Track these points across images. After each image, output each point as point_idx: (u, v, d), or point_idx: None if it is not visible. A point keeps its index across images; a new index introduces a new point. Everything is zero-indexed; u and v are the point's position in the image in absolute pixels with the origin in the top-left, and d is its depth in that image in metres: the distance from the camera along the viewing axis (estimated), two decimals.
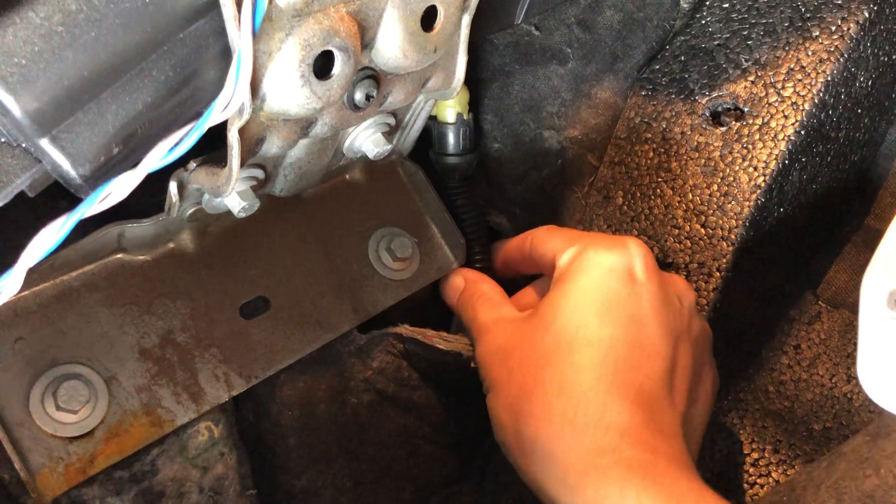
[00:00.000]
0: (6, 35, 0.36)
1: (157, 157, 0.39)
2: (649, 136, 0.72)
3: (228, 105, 0.39)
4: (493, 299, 0.62)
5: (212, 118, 0.39)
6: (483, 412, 0.70)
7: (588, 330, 0.53)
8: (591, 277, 0.55)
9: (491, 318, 0.60)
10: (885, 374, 0.41)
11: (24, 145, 0.40)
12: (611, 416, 0.50)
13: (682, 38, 0.74)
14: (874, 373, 0.42)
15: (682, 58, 0.73)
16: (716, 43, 0.72)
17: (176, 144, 0.39)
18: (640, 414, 0.50)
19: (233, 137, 0.45)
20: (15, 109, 0.36)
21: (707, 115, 0.71)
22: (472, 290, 0.64)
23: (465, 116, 0.69)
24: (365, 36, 0.48)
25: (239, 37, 0.38)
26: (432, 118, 0.70)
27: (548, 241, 0.61)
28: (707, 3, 0.73)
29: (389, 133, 0.62)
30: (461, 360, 0.63)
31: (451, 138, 0.70)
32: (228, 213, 0.55)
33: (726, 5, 0.72)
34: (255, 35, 0.39)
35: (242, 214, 0.53)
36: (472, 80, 0.74)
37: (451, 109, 0.69)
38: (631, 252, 0.56)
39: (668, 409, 0.52)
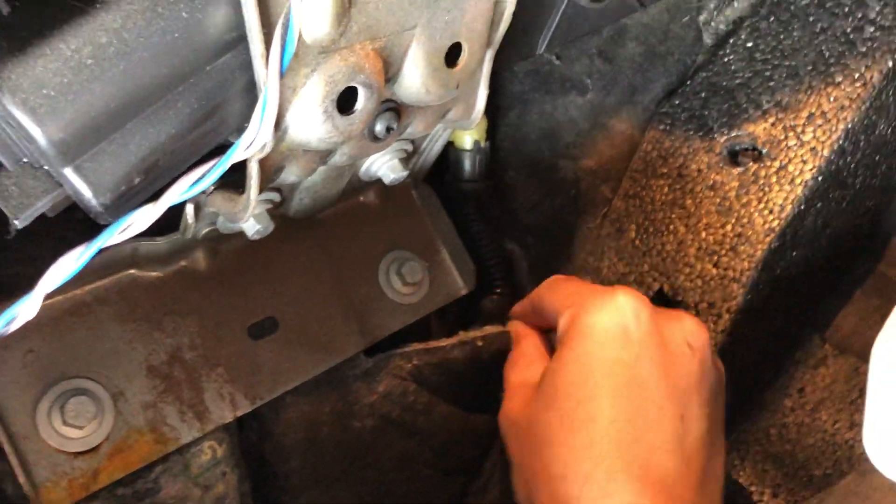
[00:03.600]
0: (36, 66, 0.36)
1: (179, 191, 0.39)
2: (665, 171, 0.72)
3: (252, 143, 0.39)
4: (528, 358, 0.59)
5: (235, 155, 0.39)
6: (485, 435, 0.70)
7: (587, 405, 0.50)
8: (585, 345, 0.52)
9: (517, 381, 0.57)
10: (893, 444, 0.41)
11: (45, 168, 0.40)
12: (612, 501, 0.48)
13: (704, 74, 0.74)
14: (881, 441, 0.42)
15: (703, 94, 0.73)
16: (737, 82, 0.72)
17: (198, 179, 0.39)
18: (648, 490, 0.48)
19: (252, 168, 0.45)
20: (41, 139, 0.37)
21: (725, 154, 0.71)
22: (516, 348, 0.61)
23: (483, 144, 0.69)
24: (388, 71, 0.48)
25: (266, 76, 0.38)
26: (449, 143, 0.70)
27: (548, 299, 0.58)
28: (731, 40, 0.73)
29: (406, 159, 0.62)
30: (467, 349, 0.63)
31: (467, 164, 0.70)
32: (241, 232, 0.55)
33: (750, 44, 0.72)
34: (283, 74, 0.39)
35: (256, 237, 0.53)
36: (490, 107, 0.74)
37: (469, 136, 0.69)
38: (623, 308, 0.53)
39: (681, 476, 0.50)
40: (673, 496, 0.49)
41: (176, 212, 0.55)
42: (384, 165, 0.60)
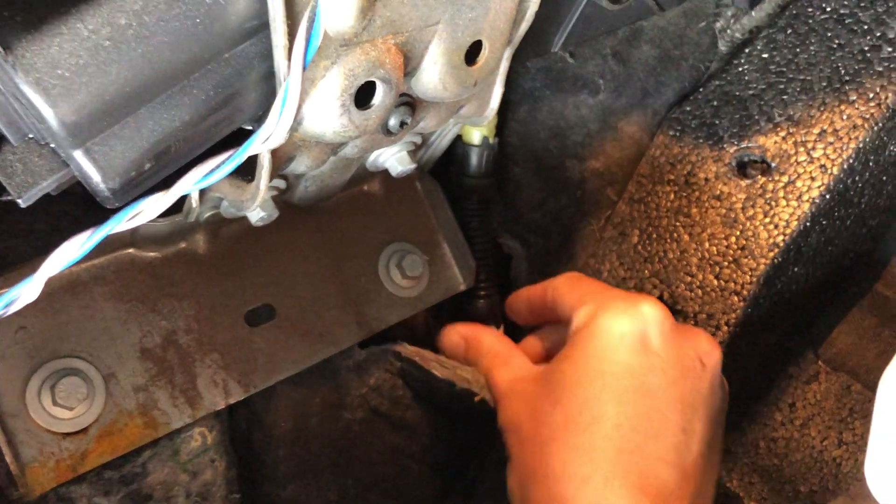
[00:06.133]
0: (52, 46, 0.35)
1: (192, 181, 0.38)
2: (672, 177, 0.72)
3: (269, 138, 0.38)
4: (503, 354, 0.58)
5: (251, 149, 0.38)
6: (470, 435, 0.70)
7: (593, 406, 0.50)
8: (600, 346, 0.52)
9: (507, 380, 0.56)
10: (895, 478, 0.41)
11: (52, 145, 0.39)
12: None
13: (717, 82, 0.73)
14: (883, 474, 0.41)
15: (715, 103, 0.72)
16: (750, 92, 0.71)
17: (211, 171, 0.38)
18: (643, 501, 0.48)
19: (264, 158, 0.44)
20: (52, 121, 0.35)
21: (733, 164, 0.70)
22: (478, 346, 0.59)
23: (491, 140, 0.68)
24: (407, 66, 0.47)
25: (287, 70, 0.37)
26: (457, 137, 0.69)
27: (567, 293, 0.57)
28: (746, 50, 0.72)
29: (414, 151, 0.61)
30: (454, 390, 0.62)
31: (473, 160, 0.69)
32: (243, 216, 0.54)
33: (765, 55, 0.71)
34: (305, 69, 0.37)
35: (260, 223, 0.52)
36: (500, 103, 0.73)
37: (478, 132, 0.68)
38: (645, 317, 0.52)
39: (677, 489, 0.50)
40: None
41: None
42: (392, 157, 0.59)
